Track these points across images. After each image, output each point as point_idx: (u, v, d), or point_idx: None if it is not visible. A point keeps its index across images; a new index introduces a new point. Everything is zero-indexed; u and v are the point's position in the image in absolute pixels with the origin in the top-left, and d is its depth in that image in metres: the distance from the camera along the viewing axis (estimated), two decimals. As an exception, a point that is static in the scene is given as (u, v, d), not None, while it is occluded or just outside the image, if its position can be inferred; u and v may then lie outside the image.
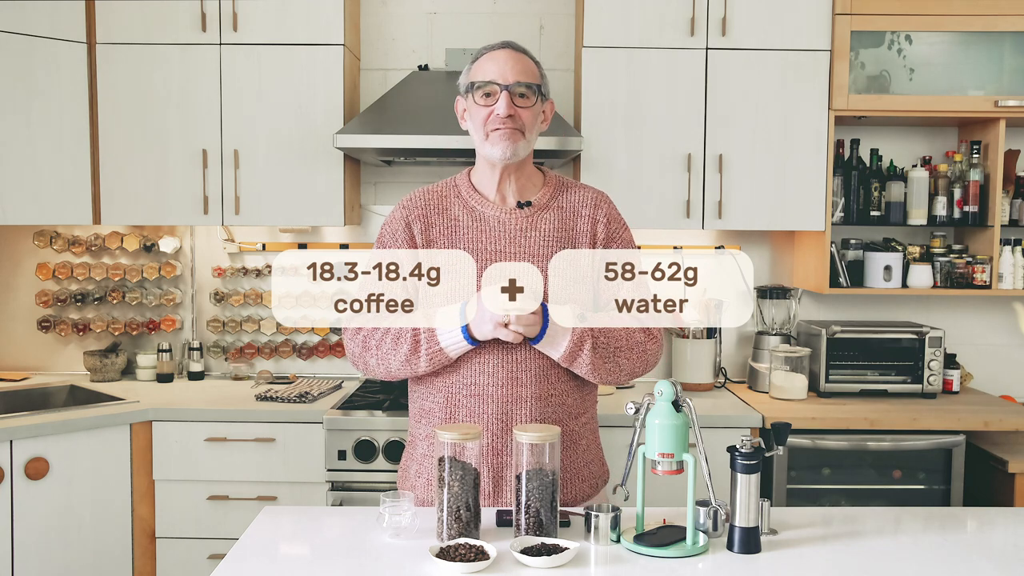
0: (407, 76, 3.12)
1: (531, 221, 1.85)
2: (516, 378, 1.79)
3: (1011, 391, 3.33)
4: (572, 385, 1.86)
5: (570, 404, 1.85)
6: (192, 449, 2.78)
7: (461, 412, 1.81)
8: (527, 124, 1.81)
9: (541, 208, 1.87)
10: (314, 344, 3.38)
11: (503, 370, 1.79)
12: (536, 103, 1.83)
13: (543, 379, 1.80)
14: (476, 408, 1.79)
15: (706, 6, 2.95)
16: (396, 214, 1.90)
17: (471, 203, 1.87)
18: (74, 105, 3.00)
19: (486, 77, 1.80)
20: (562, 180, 1.94)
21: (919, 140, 3.32)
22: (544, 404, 1.80)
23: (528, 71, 1.82)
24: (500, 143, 1.79)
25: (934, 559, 1.55)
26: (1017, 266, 3.05)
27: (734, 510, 1.57)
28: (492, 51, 1.83)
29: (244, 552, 1.56)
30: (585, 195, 1.91)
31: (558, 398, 1.83)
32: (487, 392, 1.79)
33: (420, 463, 1.88)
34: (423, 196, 1.90)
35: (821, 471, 2.79)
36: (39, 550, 2.60)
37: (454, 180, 1.93)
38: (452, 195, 1.89)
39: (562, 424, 1.83)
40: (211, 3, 2.99)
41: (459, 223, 1.85)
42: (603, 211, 1.90)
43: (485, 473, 1.79)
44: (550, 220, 1.86)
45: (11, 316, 3.38)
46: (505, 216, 1.85)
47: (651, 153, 2.99)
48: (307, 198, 3.04)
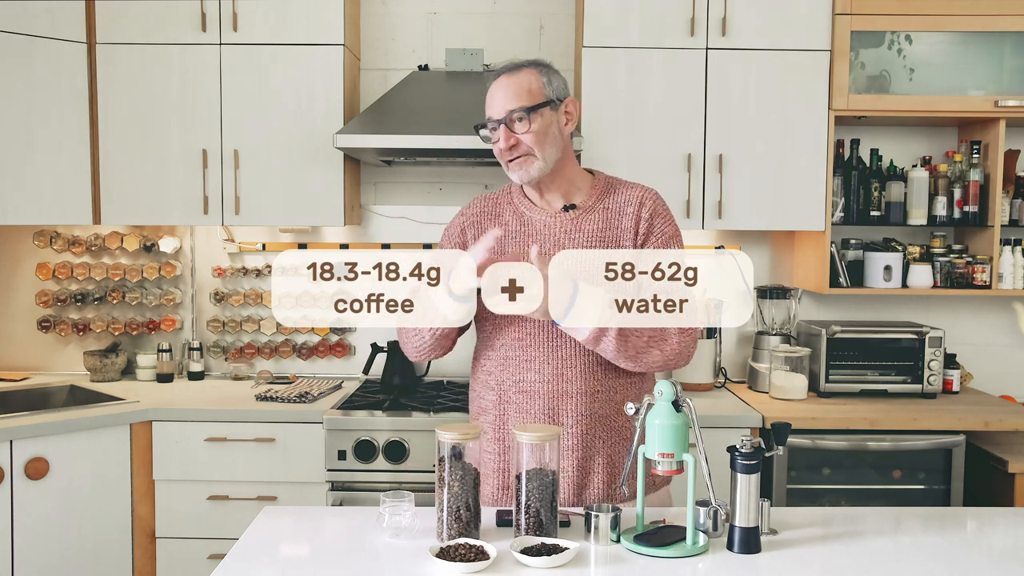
0: (407, 76, 3.12)
1: (576, 223, 1.88)
2: (562, 374, 1.83)
3: (1011, 391, 3.32)
4: (621, 381, 1.87)
5: (619, 400, 1.87)
6: (192, 449, 2.78)
7: (512, 409, 1.86)
8: (535, 145, 1.82)
9: (586, 210, 1.89)
10: (314, 344, 3.38)
11: (549, 367, 1.83)
12: (538, 120, 1.82)
13: (589, 375, 1.83)
14: (525, 404, 1.84)
15: (706, 6, 2.95)
16: (455, 220, 1.99)
17: (521, 208, 1.92)
18: (74, 105, 3.00)
19: (487, 114, 1.86)
20: (611, 181, 1.95)
21: (919, 140, 3.32)
22: (591, 399, 1.83)
23: (522, 92, 1.81)
24: (514, 172, 1.86)
25: (934, 559, 1.55)
26: (1017, 266, 3.05)
27: (734, 510, 1.57)
28: (492, 81, 1.87)
29: (244, 552, 1.56)
30: (631, 193, 1.91)
31: (605, 393, 1.85)
32: (535, 388, 1.84)
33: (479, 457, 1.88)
34: (480, 203, 1.98)
35: (821, 471, 2.79)
36: (39, 550, 2.60)
37: (510, 186, 1.98)
38: (505, 201, 1.96)
39: (609, 420, 1.85)
40: (211, 3, 2.99)
41: (508, 228, 1.91)
42: (648, 207, 1.89)
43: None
44: (595, 221, 1.88)
45: (11, 316, 3.38)
46: (551, 220, 1.89)
47: (651, 153, 2.99)
48: (307, 198, 3.04)
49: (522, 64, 1.86)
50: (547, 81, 1.85)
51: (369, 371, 3.29)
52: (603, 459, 1.85)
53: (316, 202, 3.04)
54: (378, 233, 3.38)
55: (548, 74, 1.86)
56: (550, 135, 1.84)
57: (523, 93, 1.82)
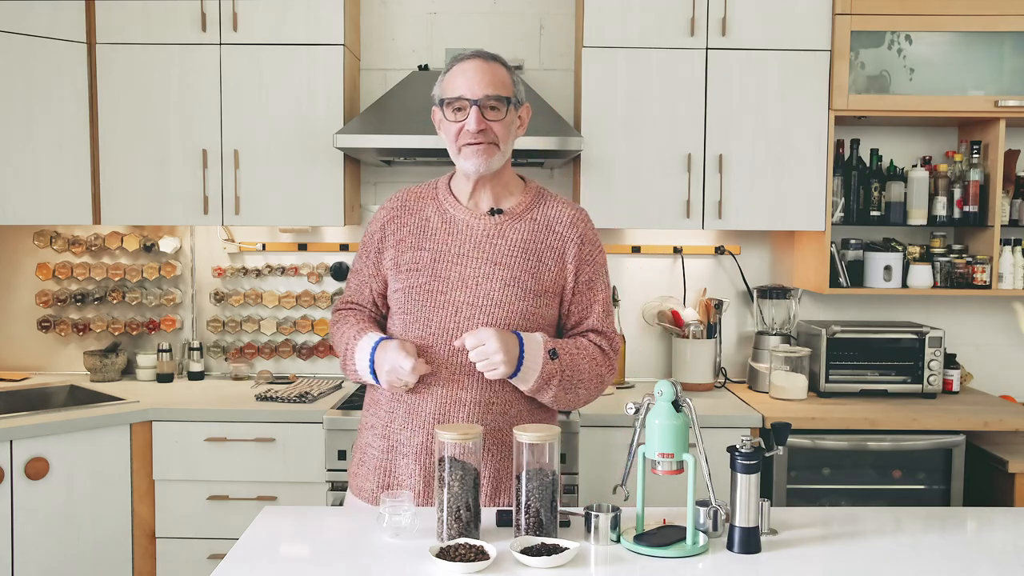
0: (407, 76, 3.12)
1: (500, 229, 1.85)
2: (458, 380, 1.80)
3: (1011, 391, 3.32)
4: (520, 395, 1.84)
5: (513, 414, 1.84)
6: (192, 449, 2.78)
7: (402, 408, 1.84)
8: (500, 136, 1.80)
9: (513, 217, 1.86)
10: (314, 344, 3.38)
11: (447, 370, 1.80)
12: (508, 113, 1.81)
13: (486, 386, 1.81)
14: (416, 404, 1.82)
15: (706, 6, 2.95)
16: (377, 215, 1.96)
17: (444, 206, 1.88)
18: (74, 105, 3.00)
19: (456, 92, 1.79)
20: (542, 192, 1.93)
21: (919, 140, 3.31)
22: (484, 410, 1.81)
23: (498, 82, 1.79)
24: (473, 158, 1.79)
25: (934, 559, 1.55)
26: (1017, 266, 3.05)
27: (734, 510, 1.57)
28: (462, 62, 1.81)
29: (244, 552, 1.56)
30: (562, 211, 1.89)
31: (500, 406, 1.82)
32: (428, 390, 1.81)
33: (362, 451, 1.92)
34: (402, 196, 1.95)
35: (821, 471, 2.79)
36: (39, 550, 2.60)
37: (436, 182, 1.95)
38: (429, 196, 1.92)
39: (501, 432, 1.82)
40: (211, 3, 2.98)
41: (429, 224, 1.87)
42: (578, 231, 1.88)
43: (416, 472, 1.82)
44: (520, 230, 1.85)
45: (11, 316, 3.38)
46: (475, 221, 1.85)
47: (651, 153, 2.99)
48: (307, 198, 3.04)
49: (495, 56, 1.83)
50: (514, 81, 1.85)
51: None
52: (489, 471, 1.82)
53: (316, 202, 3.04)
54: (378, 233, 3.38)
55: (514, 75, 1.85)
56: (512, 132, 1.84)
57: (499, 83, 1.80)
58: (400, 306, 1.86)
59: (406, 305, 1.85)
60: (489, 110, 1.78)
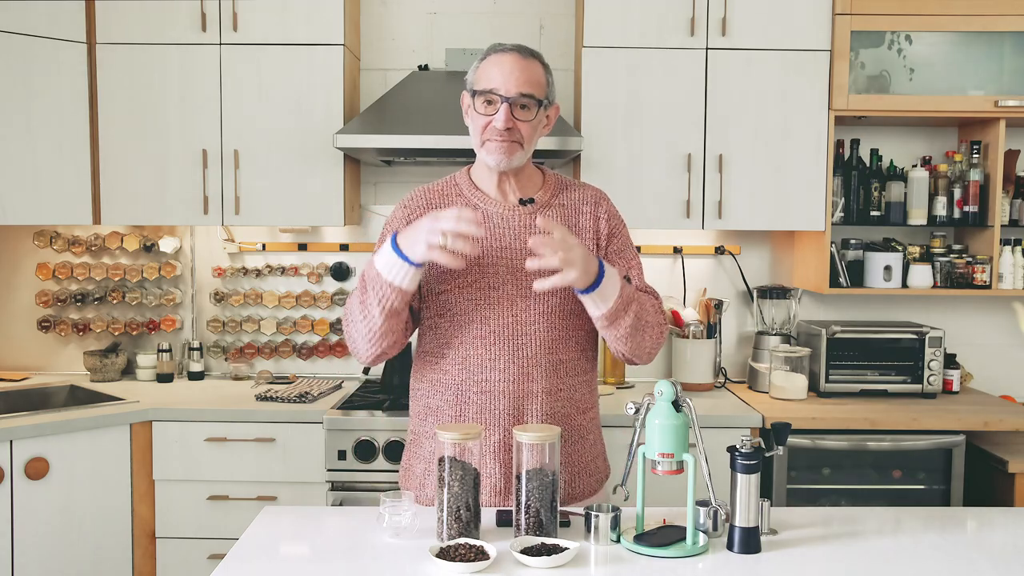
0: (407, 76, 3.12)
1: (534, 218, 1.83)
2: (527, 373, 1.78)
3: (1011, 391, 3.32)
4: (581, 380, 1.86)
5: (578, 399, 1.86)
6: (192, 449, 2.78)
7: (471, 409, 1.79)
8: (526, 136, 1.78)
9: (543, 205, 1.86)
10: (314, 344, 3.38)
11: (514, 365, 1.78)
12: (538, 114, 1.79)
13: (553, 374, 1.81)
14: (487, 404, 1.78)
15: (706, 6, 2.95)
16: (397, 213, 1.88)
17: (473, 200, 1.85)
18: (74, 105, 3.00)
19: (489, 84, 1.76)
20: (561, 179, 1.93)
21: (919, 140, 3.32)
22: (554, 399, 1.81)
23: (534, 80, 1.77)
24: (495, 153, 1.77)
25: (934, 559, 1.55)
26: (1017, 266, 3.05)
27: (734, 510, 1.57)
28: (500, 53, 1.78)
29: (244, 552, 1.56)
30: (585, 193, 1.91)
31: (567, 392, 1.83)
32: (498, 388, 1.78)
33: (428, 461, 1.86)
34: (424, 195, 1.89)
35: (821, 471, 2.79)
36: (39, 550, 2.60)
37: (454, 179, 1.91)
38: (453, 193, 1.88)
39: (570, 419, 1.84)
40: (211, 3, 2.98)
41: None
42: (604, 208, 1.90)
43: (496, 470, 1.78)
44: (553, 217, 1.85)
45: (11, 316, 3.38)
46: (508, 213, 1.83)
47: (651, 153, 2.99)
48: (307, 198, 3.04)
49: (533, 52, 1.81)
50: (549, 82, 1.83)
51: (369, 371, 3.29)
52: (564, 457, 1.83)
53: (316, 202, 3.04)
54: (378, 233, 3.38)
55: (550, 74, 1.84)
56: (537, 132, 1.83)
57: (535, 83, 1.77)
58: (449, 307, 1.80)
59: (458, 306, 1.80)
60: (519, 108, 1.76)
